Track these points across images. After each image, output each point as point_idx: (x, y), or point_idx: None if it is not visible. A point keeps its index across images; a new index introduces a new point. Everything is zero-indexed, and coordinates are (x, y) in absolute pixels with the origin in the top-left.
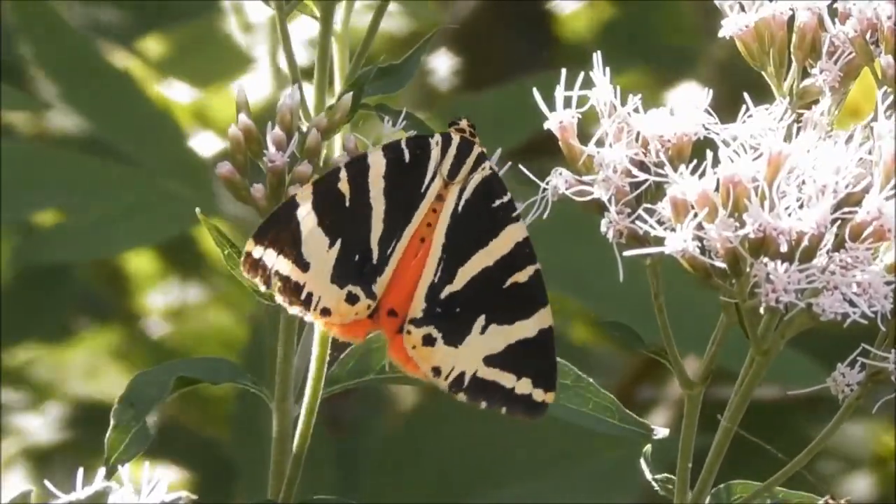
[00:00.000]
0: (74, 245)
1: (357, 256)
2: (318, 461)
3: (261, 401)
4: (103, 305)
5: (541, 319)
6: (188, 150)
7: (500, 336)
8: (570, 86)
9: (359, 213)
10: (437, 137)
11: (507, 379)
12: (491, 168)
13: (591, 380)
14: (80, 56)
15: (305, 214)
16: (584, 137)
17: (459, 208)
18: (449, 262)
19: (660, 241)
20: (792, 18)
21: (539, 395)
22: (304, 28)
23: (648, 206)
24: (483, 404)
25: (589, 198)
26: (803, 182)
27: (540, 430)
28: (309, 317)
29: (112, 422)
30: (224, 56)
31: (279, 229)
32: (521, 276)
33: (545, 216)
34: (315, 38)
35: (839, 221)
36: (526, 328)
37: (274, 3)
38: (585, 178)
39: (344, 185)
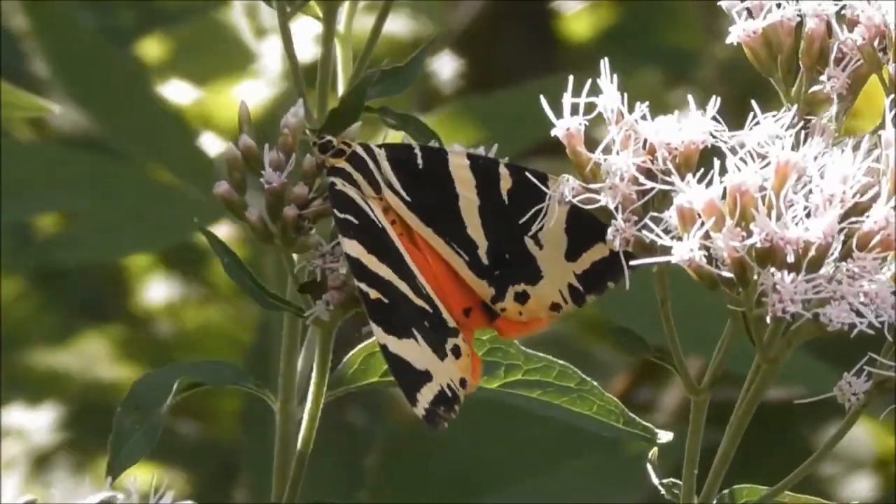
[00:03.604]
0: (81, 249)
1: (426, 323)
2: (322, 463)
3: (265, 403)
4: (105, 305)
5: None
6: (197, 152)
7: (552, 234)
8: (576, 91)
9: (397, 294)
10: (335, 181)
11: (598, 251)
12: (384, 145)
13: (594, 383)
14: (89, 55)
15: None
16: (591, 142)
17: (407, 198)
18: (455, 237)
19: (666, 250)
20: (800, 25)
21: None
22: (309, 30)
23: (655, 214)
24: (610, 285)
25: (596, 205)
26: (810, 191)
27: (544, 431)
28: (462, 396)
29: (115, 425)
30: (229, 56)
31: (420, 377)
32: (504, 184)
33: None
34: (319, 40)
35: (846, 231)
36: (553, 210)
37: (276, 5)
38: (592, 186)
39: (373, 293)
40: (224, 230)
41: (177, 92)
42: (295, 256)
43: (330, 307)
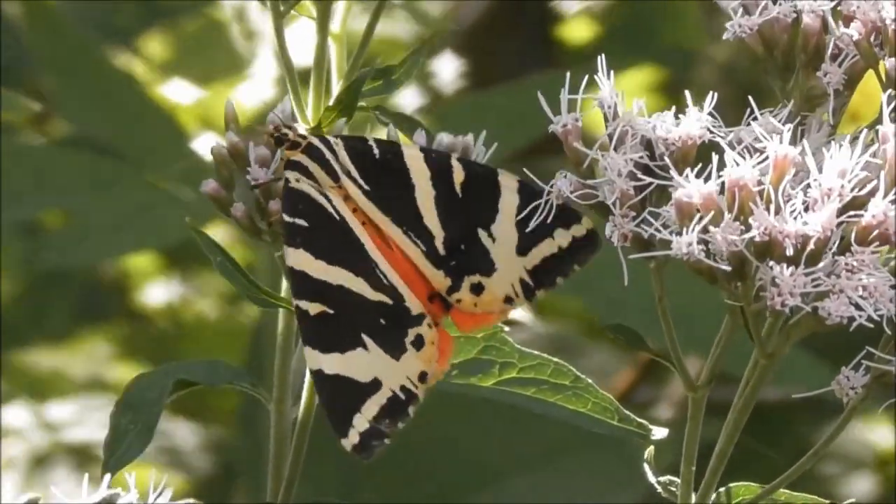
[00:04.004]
0: (80, 249)
1: (382, 321)
2: (318, 461)
3: (262, 402)
4: (105, 304)
5: (506, 184)
6: (191, 152)
7: (504, 226)
8: (574, 88)
9: (347, 299)
10: (289, 175)
11: (549, 246)
12: (338, 136)
13: (589, 380)
14: (84, 58)
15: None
16: (590, 139)
17: (365, 186)
18: (412, 226)
19: (665, 245)
20: (796, 21)
21: (578, 230)
22: (304, 30)
23: (653, 209)
24: (559, 280)
25: (593, 201)
26: (808, 185)
27: (541, 429)
28: (421, 392)
29: (111, 424)
30: (225, 57)
31: (352, 387)
32: (458, 176)
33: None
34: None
35: (844, 225)
36: (507, 202)
37: (270, 5)
38: (590, 182)
39: (314, 307)
40: (222, 230)
41: (176, 92)
42: None
43: None
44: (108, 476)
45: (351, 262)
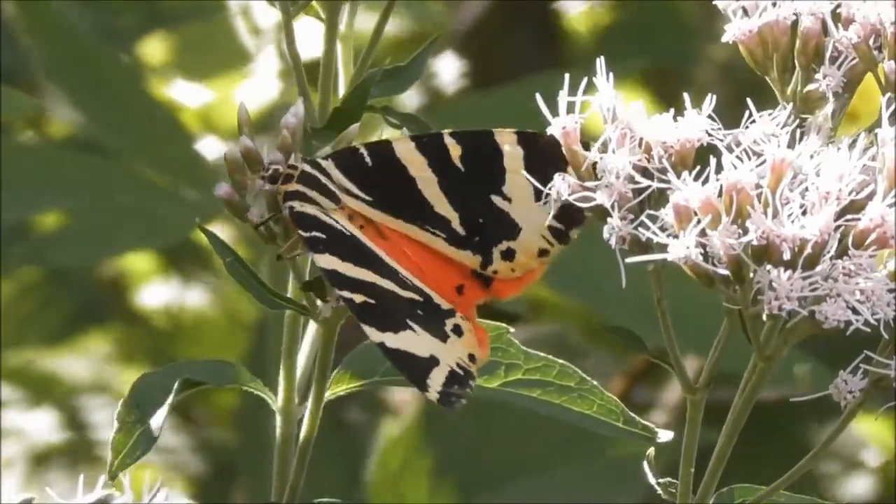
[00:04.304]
0: (78, 249)
1: (420, 312)
2: (322, 462)
3: (262, 402)
4: (104, 305)
5: (507, 149)
6: (194, 153)
7: (515, 184)
8: (573, 89)
9: (388, 295)
10: (298, 208)
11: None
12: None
13: (594, 382)
14: (85, 57)
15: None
16: (590, 141)
17: (367, 197)
18: (424, 218)
19: (663, 248)
20: (795, 23)
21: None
22: (309, 30)
23: (651, 212)
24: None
25: (592, 204)
26: (806, 189)
27: (542, 430)
28: (475, 369)
29: (116, 424)
30: (229, 57)
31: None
32: (455, 152)
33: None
34: (320, 40)
35: (842, 228)
36: (512, 166)
37: (279, 5)
38: (588, 184)
39: (357, 297)
40: (219, 230)
41: (178, 93)
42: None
43: (337, 304)
44: (103, 476)
45: (374, 267)
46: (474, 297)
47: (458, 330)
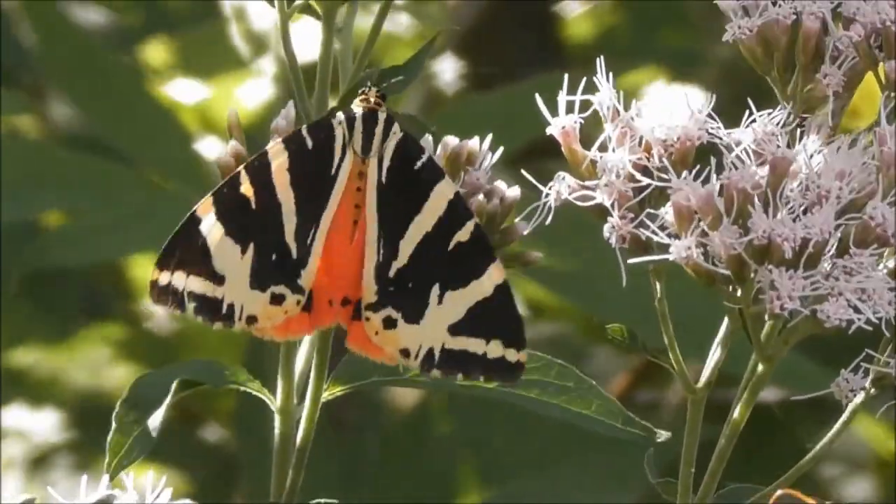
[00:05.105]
0: (80, 249)
1: (274, 256)
2: (321, 462)
3: (261, 403)
4: (105, 304)
5: (493, 276)
6: (194, 153)
7: (459, 301)
8: (573, 89)
9: (267, 212)
10: (340, 116)
11: (476, 345)
12: (403, 131)
13: (593, 382)
14: (87, 57)
15: (210, 226)
16: (589, 141)
17: (383, 180)
18: (388, 238)
19: (663, 247)
20: (796, 22)
21: (512, 355)
22: (307, 30)
23: (651, 211)
24: (459, 376)
25: (592, 203)
26: (807, 188)
27: (542, 429)
28: (237, 327)
29: (114, 425)
30: (228, 59)
31: (184, 249)
32: (463, 235)
33: (548, 221)
34: (318, 39)
35: (843, 227)
36: (481, 287)
37: (277, 4)
38: (588, 183)
39: (246, 188)
40: None
41: (177, 94)
42: None
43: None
44: (106, 476)
45: (306, 203)
46: (341, 318)
47: (277, 300)
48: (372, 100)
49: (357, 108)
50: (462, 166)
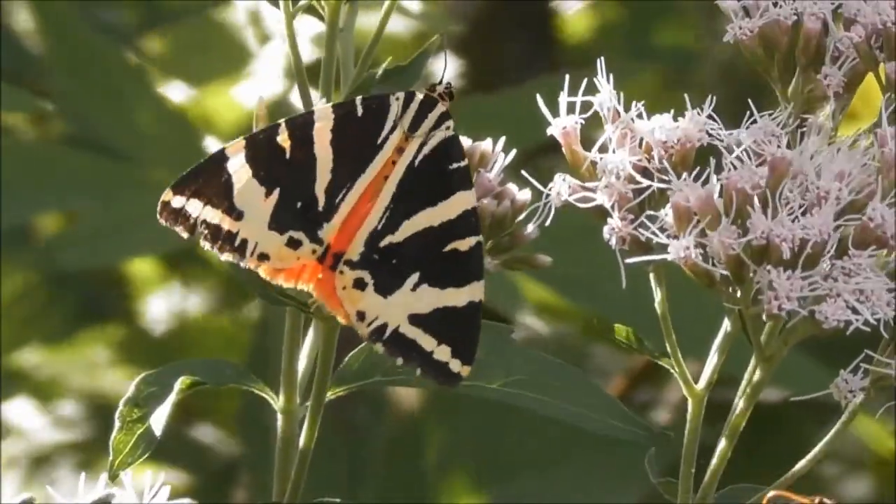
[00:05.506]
0: (82, 252)
1: (300, 204)
2: (324, 462)
3: (264, 402)
4: (106, 306)
5: (472, 292)
6: (199, 153)
7: (430, 297)
8: (574, 90)
9: (302, 164)
10: (400, 94)
11: (427, 342)
12: (454, 130)
13: (593, 381)
14: (90, 56)
15: (238, 166)
16: (589, 142)
17: (416, 162)
18: (395, 212)
19: (663, 248)
20: (797, 23)
21: (456, 365)
22: (310, 30)
23: (651, 212)
24: (399, 360)
25: (592, 204)
26: (806, 189)
27: (543, 430)
28: (245, 262)
29: (117, 423)
30: (230, 57)
31: (205, 181)
32: (463, 245)
33: (548, 222)
34: (321, 39)
35: (842, 228)
36: (456, 296)
37: (281, 5)
38: (588, 185)
39: (284, 139)
40: None
41: (177, 92)
42: None
43: None
44: (104, 475)
45: (342, 163)
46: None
47: (293, 244)
48: (439, 89)
49: (420, 93)
50: (474, 167)
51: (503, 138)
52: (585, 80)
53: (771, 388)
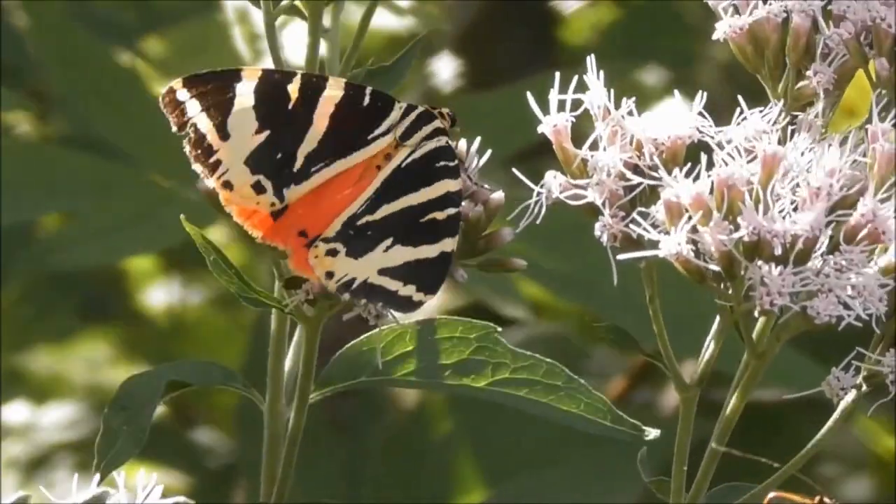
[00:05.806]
0: (81, 251)
1: (280, 155)
2: (323, 461)
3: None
4: (106, 306)
5: (445, 245)
6: None
7: (402, 255)
8: (566, 88)
9: (297, 119)
10: (403, 104)
11: (393, 285)
12: (447, 142)
13: (582, 381)
14: (87, 56)
15: (245, 91)
16: (581, 139)
17: (403, 165)
18: (375, 200)
19: (654, 245)
20: (786, 21)
21: (419, 296)
22: (299, 30)
23: (643, 209)
24: (362, 302)
25: (583, 201)
26: (798, 185)
27: (542, 429)
28: (209, 182)
29: (102, 426)
30: (223, 58)
31: (213, 89)
32: (440, 215)
33: (539, 220)
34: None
35: (834, 224)
36: (429, 251)
37: (262, 5)
38: (579, 182)
39: (294, 89)
40: (223, 231)
41: None
42: None
43: (309, 296)
44: (97, 475)
45: (330, 140)
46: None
47: (258, 187)
48: (441, 111)
49: (422, 107)
50: None
51: (478, 139)
52: (577, 79)
53: (768, 387)
